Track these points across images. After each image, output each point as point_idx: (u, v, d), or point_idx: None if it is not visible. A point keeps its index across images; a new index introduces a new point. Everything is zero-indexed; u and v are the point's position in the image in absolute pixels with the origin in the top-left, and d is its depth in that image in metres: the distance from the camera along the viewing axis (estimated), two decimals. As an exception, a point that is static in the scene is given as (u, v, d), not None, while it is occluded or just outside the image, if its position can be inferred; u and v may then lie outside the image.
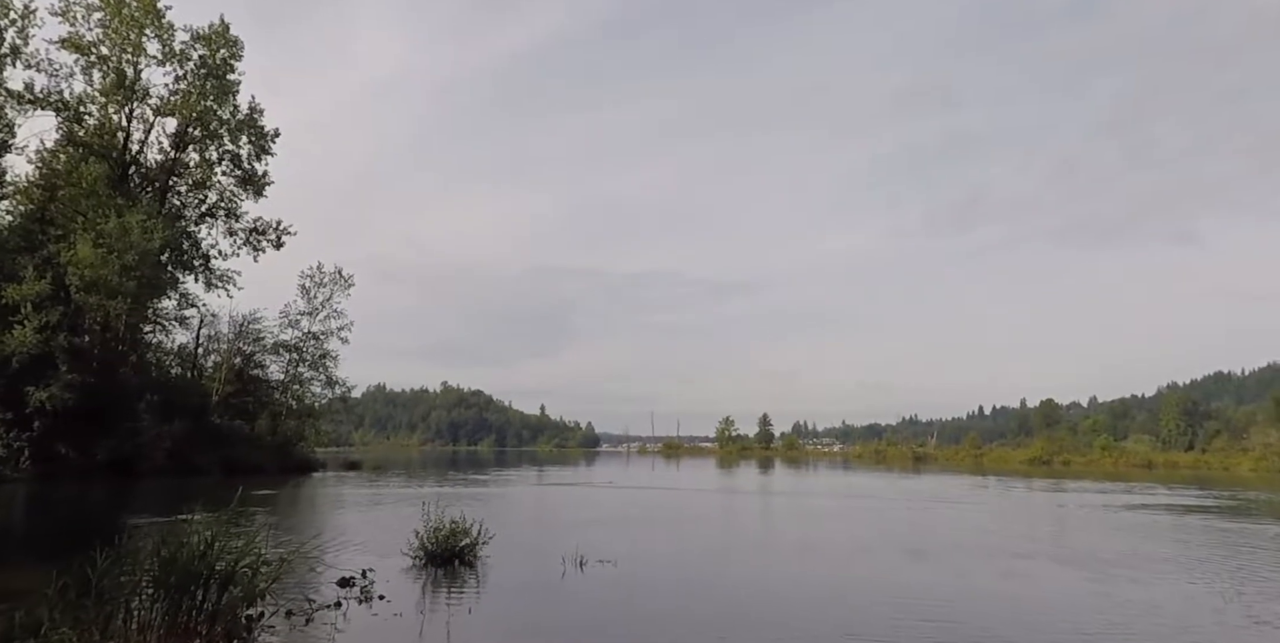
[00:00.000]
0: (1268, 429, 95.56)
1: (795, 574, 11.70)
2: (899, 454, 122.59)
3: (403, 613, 8.14)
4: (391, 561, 11.23)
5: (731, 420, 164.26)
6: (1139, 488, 38.72)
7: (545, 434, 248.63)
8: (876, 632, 7.72)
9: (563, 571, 10.98)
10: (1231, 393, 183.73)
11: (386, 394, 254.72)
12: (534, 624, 8.05)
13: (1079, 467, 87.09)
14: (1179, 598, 9.78)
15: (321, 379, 48.35)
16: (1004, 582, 10.97)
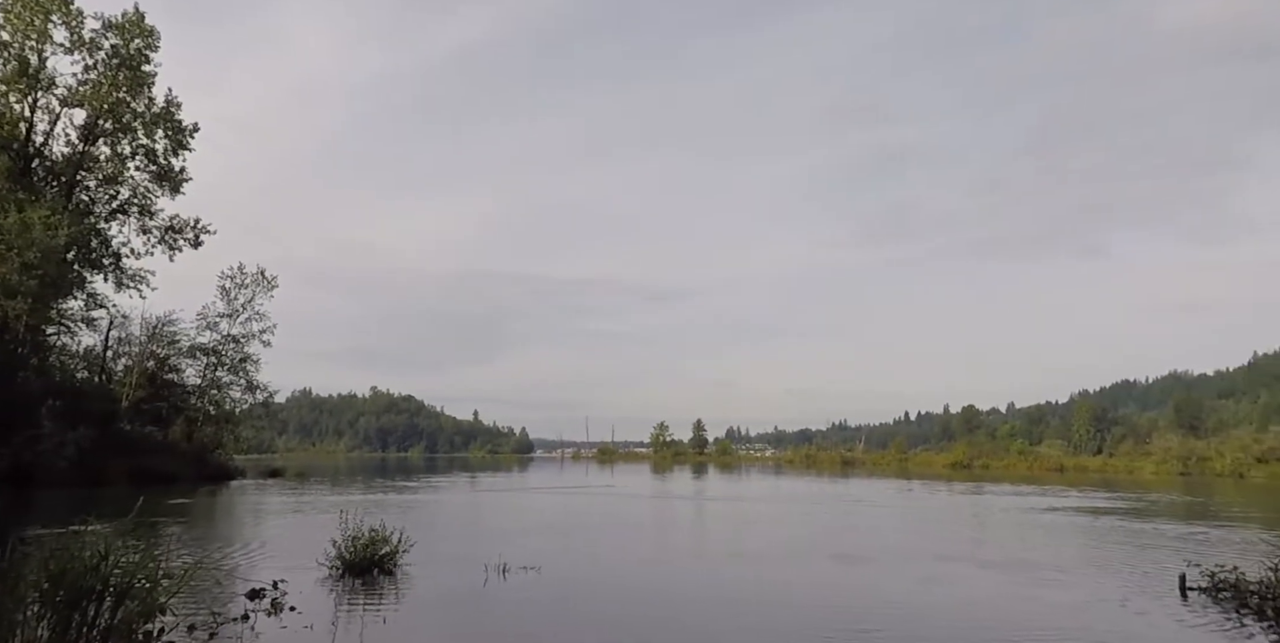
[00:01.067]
0: (1168, 434, 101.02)
1: (724, 579, 11.67)
2: (828, 459, 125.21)
3: (314, 625, 7.87)
4: (306, 571, 10.85)
5: (666, 426, 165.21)
6: (1052, 491, 40.40)
7: (478, 440, 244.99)
8: (806, 637, 7.78)
9: (485, 578, 10.81)
10: (1137, 400, 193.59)
11: (312, 400, 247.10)
12: (451, 633, 7.90)
13: (997, 470, 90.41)
14: (1097, 599, 10.22)
15: (242, 384, 46.62)
16: (931, 586, 11.08)
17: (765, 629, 8.07)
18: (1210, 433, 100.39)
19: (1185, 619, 8.79)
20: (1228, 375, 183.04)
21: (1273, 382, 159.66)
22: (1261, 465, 78.83)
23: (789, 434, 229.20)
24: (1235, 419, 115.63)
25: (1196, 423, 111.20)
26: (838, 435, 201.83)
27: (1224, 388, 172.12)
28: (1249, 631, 8.32)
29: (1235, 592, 9.74)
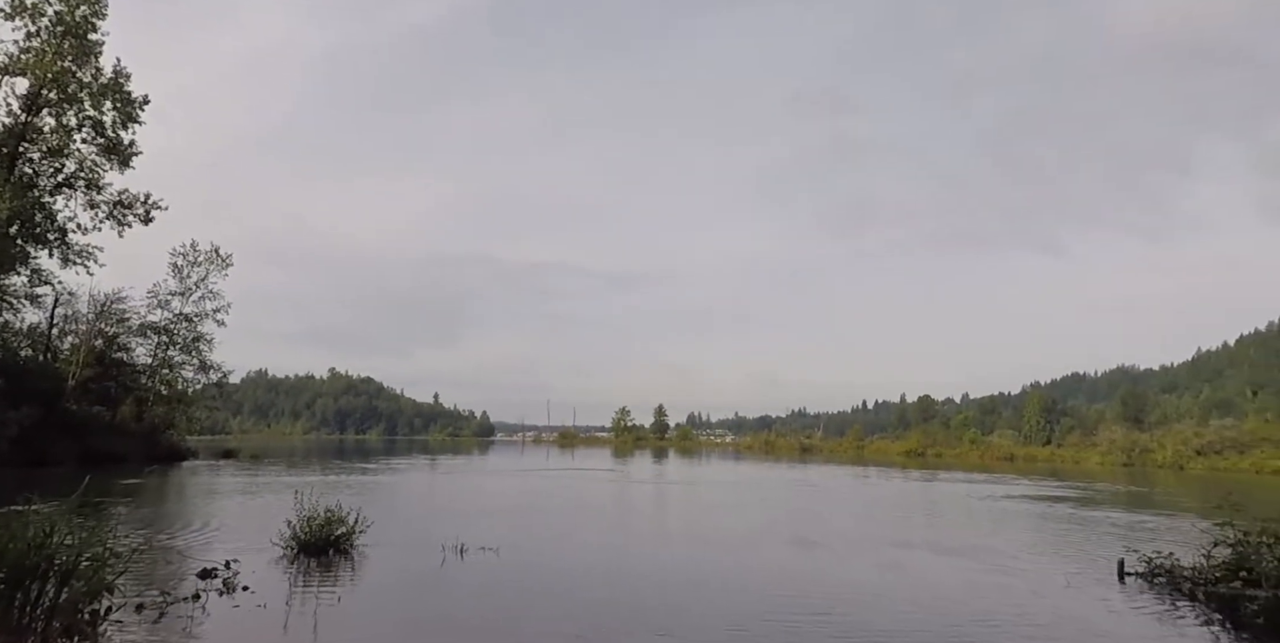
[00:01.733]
0: (1113, 426, 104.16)
1: (684, 563, 11.69)
2: (787, 445, 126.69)
3: (267, 604, 7.80)
4: (260, 552, 10.73)
5: (627, 411, 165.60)
6: (1002, 479, 41.44)
7: (438, 423, 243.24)
8: (767, 621, 7.86)
9: (443, 559, 10.80)
10: (1085, 392, 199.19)
11: (269, 380, 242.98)
12: (407, 613, 7.87)
13: (949, 459, 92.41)
14: (1042, 584, 10.55)
15: (194, 363, 45.50)
16: (887, 572, 11.18)
17: (726, 613, 8.15)
18: (1153, 426, 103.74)
19: (1122, 603, 9.13)
20: (1172, 370, 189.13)
21: (1214, 377, 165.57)
22: (1200, 458, 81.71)
23: (749, 420, 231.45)
24: (1178, 413, 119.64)
25: (1141, 416, 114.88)
26: (797, 422, 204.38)
27: (1168, 382, 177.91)
28: (1180, 612, 8.68)
29: (1169, 577, 10.13)
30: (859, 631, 7.43)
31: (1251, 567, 8.98)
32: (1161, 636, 7.68)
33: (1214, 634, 7.81)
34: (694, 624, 7.60)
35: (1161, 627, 8.02)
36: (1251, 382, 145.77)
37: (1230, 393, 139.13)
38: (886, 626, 7.73)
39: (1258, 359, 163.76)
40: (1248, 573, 8.98)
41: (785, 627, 7.48)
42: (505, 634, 7.07)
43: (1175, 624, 8.15)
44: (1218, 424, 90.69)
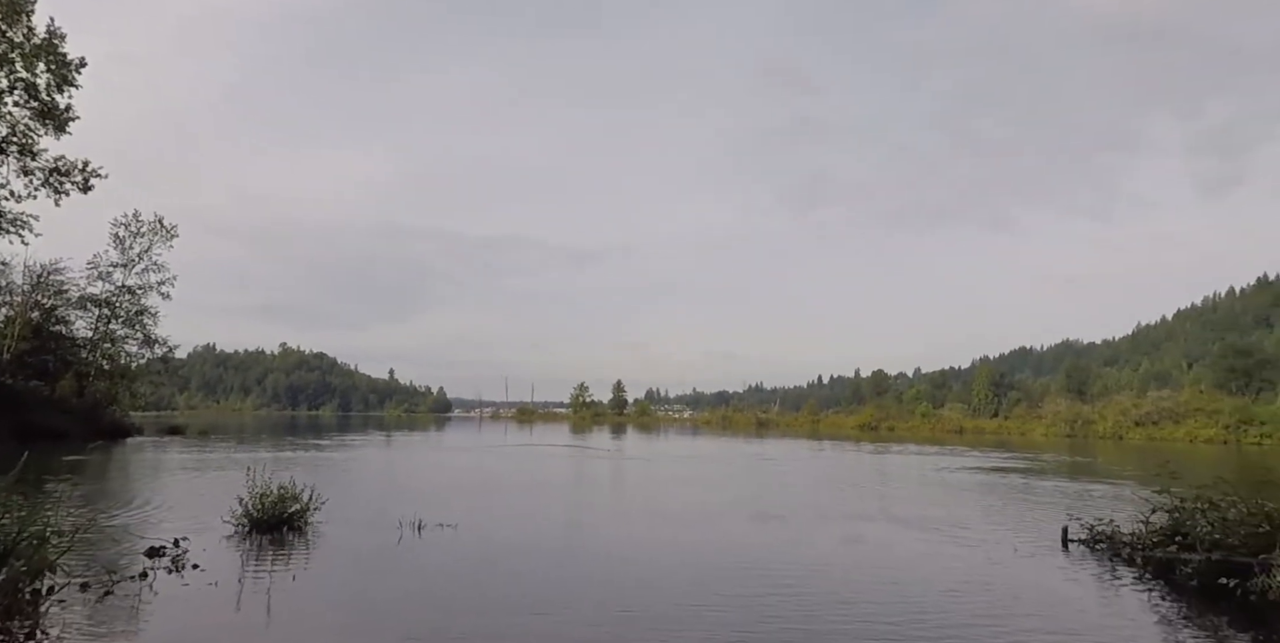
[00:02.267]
0: (1058, 399, 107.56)
1: (644, 538, 11.62)
2: (744, 420, 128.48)
3: (218, 583, 7.63)
4: (210, 530, 10.50)
5: (586, 387, 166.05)
6: (953, 451, 42.57)
7: (394, 399, 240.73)
8: (726, 595, 7.86)
9: (400, 536, 10.69)
10: (1032, 366, 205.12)
11: (217, 355, 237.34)
12: (363, 590, 7.77)
13: (902, 432, 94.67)
14: (991, 553, 10.86)
15: (138, 337, 44.13)
16: (847, 544, 11.23)
17: (688, 588, 8.14)
18: (1095, 398, 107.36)
19: (1065, 569, 9.46)
20: (1113, 344, 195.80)
21: (1152, 350, 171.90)
22: (1138, 428, 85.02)
23: (707, 396, 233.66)
24: (1118, 385, 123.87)
25: (1084, 388, 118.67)
26: (754, 397, 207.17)
27: (1109, 356, 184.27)
28: (1119, 577, 9.02)
29: (1110, 543, 10.52)
30: (823, 603, 7.49)
31: (1186, 532, 9.35)
32: (1102, 600, 7.97)
33: (1150, 597, 8.13)
34: (656, 599, 7.57)
35: (1102, 591, 8.33)
36: (1187, 354, 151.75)
37: (1167, 366, 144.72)
38: (850, 597, 7.81)
39: (1193, 333, 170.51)
40: (1183, 538, 9.34)
41: (749, 601, 7.48)
42: (464, 610, 7.02)
43: (1115, 588, 8.47)
44: (1155, 396, 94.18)
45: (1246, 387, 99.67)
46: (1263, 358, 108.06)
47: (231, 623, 6.44)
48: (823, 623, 6.71)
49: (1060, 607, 7.54)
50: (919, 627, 6.67)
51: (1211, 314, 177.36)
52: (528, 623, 6.55)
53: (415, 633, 6.17)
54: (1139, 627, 6.99)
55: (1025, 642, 6.31)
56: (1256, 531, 8.46)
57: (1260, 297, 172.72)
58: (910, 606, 7.44)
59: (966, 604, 7.57)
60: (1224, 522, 8.93)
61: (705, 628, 6.49)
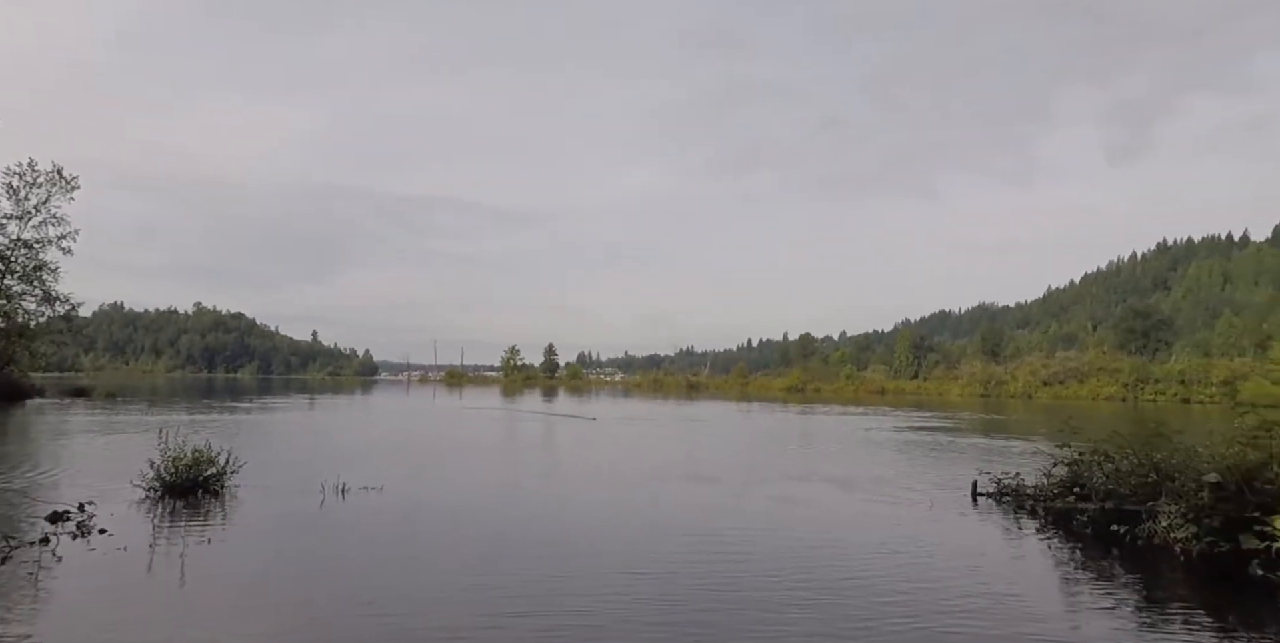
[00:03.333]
0: (973, 360, 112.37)
1: (578, 500, 11.35)
2: (675, 383, 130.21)
3: (128, 548, 7.36)
4: (118, 494, 10.09)
5: (517, 350, 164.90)
6: (876, 411, 44.09)
7: (318, 362, 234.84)
8: (663, 557, 7.85)
9: (322, 499, 10.48)
10: (950, 329, 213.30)
11: (125, 315, 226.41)
12: (283, 552, 7.61)
13: (827, 393, 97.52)
14: (909, 508, 11.32)
15: (37, 294, 41.59)
16: (782, 504, 11.14)
17: (625, 550, 8.08)
18: (1008, 359, 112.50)
19: (974, 521, 9.95)
20: (1025, 307, 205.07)
21: (1061, 313, 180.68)
22: (1046, 387, 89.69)
23: (638, 359, 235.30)
24: (1029, 347, 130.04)
25: (998, 350, 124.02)
26: (685, 361, 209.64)
27: (1022, 318, 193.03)
28: (1023, 527, 9.56)
29: (1015, 495, 11.11)
30: (760, 563, 7.54)
31: (1084, 483, 9.95)
32: (1005, 548, 8.43)
33: (1049, 544, 8.65)
34: (591, 562, 7.50)
35: (1006, 540, 8.81)
36: (1093, 317, 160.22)
37: (1074, 328, 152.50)
38: (780, 555, 7.92)
39: (1098, 296, 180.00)
40: (1080, 489, 9.94)
41: (686, 563, 7.43)
42: (388, 570, 6.93)
43: (1018, 537, 8.97)
44: (1062, 356, 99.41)
45: (1144, 347, 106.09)
46: (1160, 319, 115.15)
47: (142, 588, 6.23)
48: (755, 580, 6.89)
49: (968, 557, 7.93)
50: (844, 582, 6.94)
51: (1115, 278, 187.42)
52: (453, 586, 6.53)
53: (334, 595, 6.09)
54: (1038, 573, 7.43)
55: (935, 592, 6.62)
56: (1145, 480, 9.05)
57: (1159, 261, 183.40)
58: (835, 563, 7.71)
59: (887, 557, 7.90)
60: (1117, 473, 9.54)
61: (640, 589, 6.57)
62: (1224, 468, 7.88)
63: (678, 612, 5.80)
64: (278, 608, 5.75)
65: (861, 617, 5.74)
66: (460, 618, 5.53)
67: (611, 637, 5.20)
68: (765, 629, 5.43)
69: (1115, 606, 6.28)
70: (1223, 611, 6.33)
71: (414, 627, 5.32)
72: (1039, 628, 5.58)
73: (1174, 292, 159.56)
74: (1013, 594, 6.46)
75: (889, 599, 6.21)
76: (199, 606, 5.78)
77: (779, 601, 6.12)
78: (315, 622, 5.40)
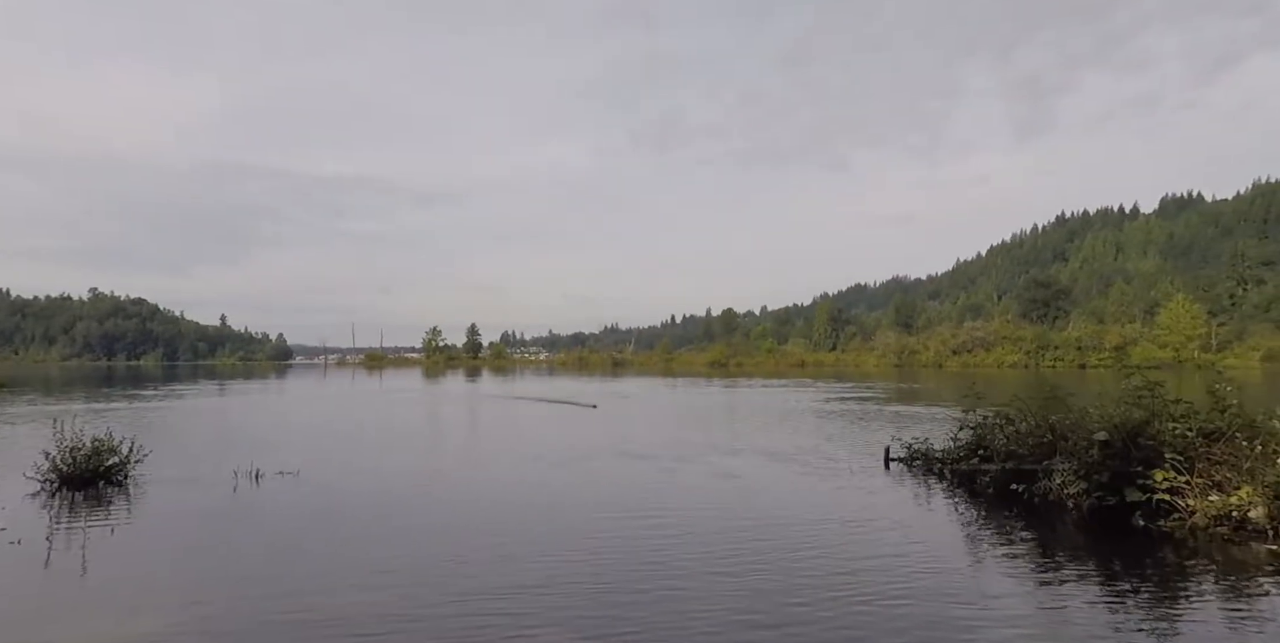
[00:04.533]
0: (888, 332, 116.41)
1: (504, 481, 10.97)
2: (600, 360, 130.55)
3: (23, 540, 6.99)
4: (11, 486, 9.54)
5: (439, 331, 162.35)
6: (796, 384, 45.21)
7: (227, 347, 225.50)
8: (597, 536, 7.86)
9: (235, 485, 10.14)
10: (866, 301, 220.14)
11: (12, 302, 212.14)
12: (192, 541, 7.34)
13: (749, 367, 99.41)
14: (830, 475, 11.69)
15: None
16: (711, 478, 11.01)
17: (558, 531, 7.93)
18: (920, 330, 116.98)
19: (886, 485, 10.36)
20: (936, 279, 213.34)
21: (968, 284, 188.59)
22: (956, 357, 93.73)
23: (563, 338, 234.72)
24: (940, 317, 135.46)
25: (910, 321, 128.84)
26: (610, 338, 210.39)
27: (933, 290, 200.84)
28: (931, 489, 10.03)
29: (925, 460, 11.62)
30: (689, 535, 7.58)
31: (987, 446, 10.48)
32: (914, 510, 8.83)
33: (955, 504, 9.11)
34: (514, 543, 7.40)
35: (915, 503, 9.23)
36: (998, 287, 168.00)
37: (981, 299, 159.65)
38: (714, 527, 8.00)
39: (1003, 267, 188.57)
40: (984, 451, 10.47)
41: (621, 540, 7.36)
42: (301, 560, 6.74)
43: (926, 499, 9.41)
44: (969, 326, 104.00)
45: (1045, 316, 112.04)
46: (1059, 289, 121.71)
47: (40, 582, 5.93)
48: (683, 553, 7.02)
49: (881, 520, 8.27)
50: (767, 548, 7.16)
51: (1018, 250, 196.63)
52: (373, 570, 6.43)
53: (248, 581, 5.93)
54: (945, 531, 7.83)
55: (849, 554, 6.90)
56: (1042, 440, 9.60)
57: (1058, 233, 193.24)
58: (760, 532, 7.91)
59: (807, 524, 8.17)
60: (1017, 435, 10.08)
61: (569, 571, 6.59)
62: (1111, 427, 8.42)
63: (606, 595, 5.88)
64: (183, 599, 5.54)
65: (781, 581, 5.94)
66: (373, 606, 5.42)
67: (533, 620, 5.16)
68: (691, 597, 5.56)
69: (1015, 558, 6.68)
70: (1110, 559, 6.81)
71: (324, 616, 5.18)
72: (944, 581, 5.89)
73: (1071, 262, 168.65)
74: (920, 552, 6.80)
75: (808, 564, 6.44)
76: (100, 599, 5.54)
77: (707, 570, 6.27)
78: (224, 612, 5.24)
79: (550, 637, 4.76)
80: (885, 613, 5.16)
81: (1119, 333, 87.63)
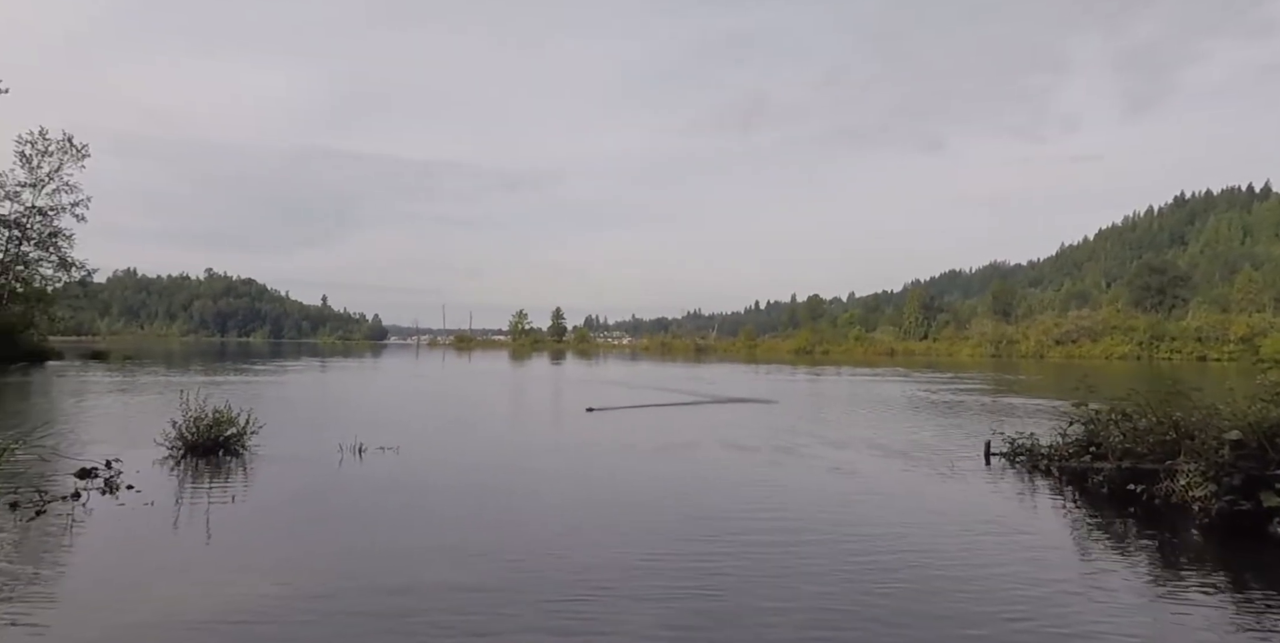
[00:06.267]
0: (984, 320, 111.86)
1: (613, 467, 10.82)
2: (683, 346, 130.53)
3: (155, 503, 7.48)
4: (142, 451, 10.22)
5: (525, 314, 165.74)
6: (887, 373, 44.03)
7: (327, 326, 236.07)
8: (701, 521, 7.84)
9: (340, 458, 10.58)
10: (960, 288, 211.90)
11: (138, 280, 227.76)
12: (304, 510, 7.72)
13: (835, 355, 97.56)
14: (929, 470, 11.33)
15: (53, 260, 41.92)
16: (836, 476, 10.46)
17: (664, 518, 7.90)
18: (1020, 318, 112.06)
19: (989, 480, 9.94)
20: (1038, 265, 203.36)
21: (1074, 270, 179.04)
22: (1059, 347, 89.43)
23: (646, 322, 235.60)
24: (1041, 305, 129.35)
25: (1009, 309, 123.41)
26: (692, 323, 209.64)
27: (1034, 277, 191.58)
28: (1036, 487, 9.57)
29: (1029, 455, 11.09)
30: (794, 530, 7.52)
31: (1100, 442, 9.91)
32: (1021, 509, 8.44)
33: (1063, 503, 8.67)
34: (604, 529, 7.47)
35: (1019, 501, 8.81)
36: (1107, 274, 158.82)
37: (1088, 285, 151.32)
38: (817, 523, 7.95)
39: (1113, 252, 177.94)
40: (1096, 448, 9.91)
41: (729, 531, 7.27)
42: (409, 525, 7.03)
43: (1031, 497, 8.98)
44: (1075, 315, 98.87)
45: (1160, 304, 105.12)
46: (1176, 275, 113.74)
47: (169, 541, 6.34)
48: (783, 547, 6.94)
49: (987, 518, 7.95)
50: (866, 546, 6.99)
51: (1130, 233, 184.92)
52: (473, 543, 6.60)
53: (355, 549, 6.16)
54: (1054, 533, 7.44)
55: (951, 553, 6.65)
56: (1164, 438, 9.01)
57: (1176, 215, 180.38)
58: (860, 530, 7.75)
59: (906, 520, 7.94)
60: (1134, 432, 9.48)
61: (671, 563, 6.62)
62: (1245, 426, 7.82)
63: (709, 578, 5.84)
64: (293, 566, 5.79)
65: (884, 580, 5.77)
66: (471, 575, 5.56)
67: (627, 606, 5.19)
68: (786, 593, 5.47)
69: (1133, 564, 6.30)
70: (1241, 569, 6.34)
71: (421, 591, 5.24)
72: (1058, 587, 5.59)
73: (1191, 246, 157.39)
74: (1030, 555, 6.48)
75: (908, 561, 6.24)
76: (223, 559, 5.88)
77: (802, 569, 6.16)
78: (328, 580, 5.41)
79: (652, 621, 4.75)
80: (991, 618, 4.93)
81: (1246, 323, 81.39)
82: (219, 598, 4.95)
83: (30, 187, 40.63)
